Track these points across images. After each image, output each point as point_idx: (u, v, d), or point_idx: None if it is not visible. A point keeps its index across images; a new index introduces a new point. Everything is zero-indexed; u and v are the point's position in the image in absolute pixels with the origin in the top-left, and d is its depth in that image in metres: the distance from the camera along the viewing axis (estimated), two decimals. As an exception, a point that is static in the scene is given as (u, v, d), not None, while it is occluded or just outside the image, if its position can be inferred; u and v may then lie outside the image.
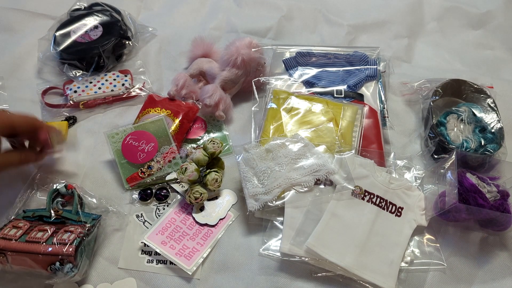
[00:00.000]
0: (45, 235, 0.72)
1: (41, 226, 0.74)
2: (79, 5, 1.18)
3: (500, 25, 1.30)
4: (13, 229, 0.72)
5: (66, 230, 0.73)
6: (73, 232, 0.72)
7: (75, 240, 0.71)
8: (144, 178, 0.89)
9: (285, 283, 0.77)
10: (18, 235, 0.71)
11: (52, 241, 0.70)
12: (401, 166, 0.91)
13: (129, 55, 1.17)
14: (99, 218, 0.80)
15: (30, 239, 0.71)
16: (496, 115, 0.96)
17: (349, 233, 0.79)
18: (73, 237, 0.71)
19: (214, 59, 1.09)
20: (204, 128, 1.00)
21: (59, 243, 0.70)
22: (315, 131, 0.92)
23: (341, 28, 1.27)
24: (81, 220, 0.77)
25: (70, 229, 0.73)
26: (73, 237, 0.71)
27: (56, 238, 0.71)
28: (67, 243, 0.70)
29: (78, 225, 0.75)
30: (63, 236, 0.71)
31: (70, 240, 0.70)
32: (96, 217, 0.80)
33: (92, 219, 0.78)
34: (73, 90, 1.04)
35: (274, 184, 0.81)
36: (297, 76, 1.05)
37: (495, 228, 0.82)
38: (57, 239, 0.71)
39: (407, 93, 1.08)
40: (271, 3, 1.33)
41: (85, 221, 0.77)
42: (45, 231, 0.72)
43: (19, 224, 0.74)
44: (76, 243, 0.70)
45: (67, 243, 0.70)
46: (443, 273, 0.79)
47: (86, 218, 0.78)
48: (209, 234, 0.83)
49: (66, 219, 0.78)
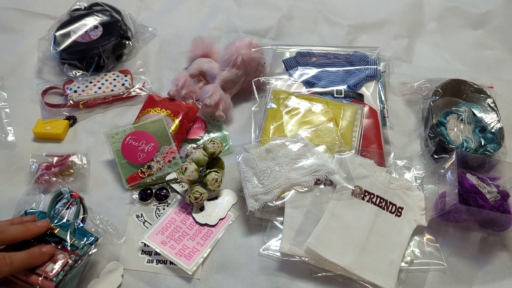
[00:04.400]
0: None
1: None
2: (79, 5, 1.19)
3: (500, 25, 1.30)
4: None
5: (53, 260, 0.70)
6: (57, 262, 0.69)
7: (56, 276, 0.68)
8: (144, 178, 0.89)
9: (285, 283, 0.77)
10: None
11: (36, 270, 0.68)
12: (401, 166, 0.91)
13: (129, 55, 1.17)
14: (94, 243, 0.75)
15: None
16: (496, 115, 0.96)
17: (349, 233, 0.79)
18: (56, 272, 0.68)
19: (214, 59, 1.09)
20: (204, 128, 1.00)
21: (41, 275, 0.68)
22: (315, 131, 0.92)
23: (341, 28, 1.27)
24: (74, 245, 0.72)
25: (57, 257, 0.70)
26: (55, 272, 0.68)
27: (41, 269, 0.68)
28: (48, 278, 0.68)
29: (67, 253, 0.71)
30: (47, 268, 0.69)
31: (52, 276, 0.68)
32: (92, 241, 0.74)
33: (85, 244, 0.73)
34: (73, 90, 1.04)
35: (274, 184, 0.81)
36: (297, 76, 1.05)
37: (495, 228, 0.82)
38: (41, 270, 0.68)
39: (407, 93, 1.08)
40: (271, 3, 1.33)
41: (77, 246, 0.72)
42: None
43: None
44: (56, 280, 0.68)
45: (49, 277, 0.68)
46: (443, 273, 0.79)
47: (79, 243, 0.73)
48: (209, 234, 0.83)
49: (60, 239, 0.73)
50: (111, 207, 0.86)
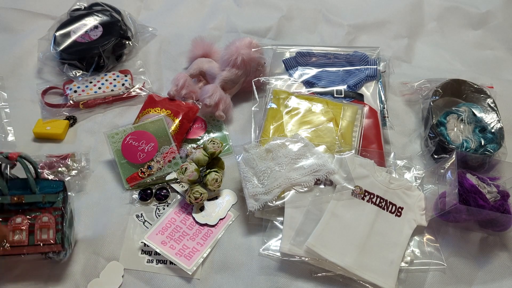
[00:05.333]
0: (24, 235, 0.70)
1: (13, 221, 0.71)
2: (79, 5, 1.19)
3: (500, 25, 1.30)
4: None
5: (42, 226, 0.71)
6: (50, 227, 0.71)
7: (56, 237, 0.70)
8: (144, 178, 0.89)
9: (285, 283, 0.77)
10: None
11: (34, 240, 0.70)
12: (401, 166, 0.91)
13: (129, 55, 1.17)
14: (63, 189, 0.74)
15: (11, 243, 0.70)
16: (496, 115, 0.96)
17: (349, 233, 0.79)
18: (53, 234, 0.70)
19: (214, 59, 1.09)
20: (204, 128, 1.00)
21: (43, 244, 0.70)
22: (315, 131, 0.92)
23: (341, 28, 1.27)
24: (47, 201, 0.72)
25: (44, 221, 0.71)
26: (52, 234, 0.70)
27: (36, 239, 0.70)
28: (52, 243, 0.70)
29: (48, 213, 0.71)
30: (43, 236, 0.70)
31: (52, 239, 0.70)
32: (60, 187, 0.74)
33: (56, 193, 0.73)
34: (73, 90, 1.04)
35: (274, 184, 0.81)
36: (297, 76, 1.05)
37: (495, 228, 0.82)
38: (39, 238, 0.70)
39: (407, 93, 1.08)
40: (271, 3, 1.33)
41: (51, 201, 0.72)
42: (21, 230, 0.70)
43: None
44: (59, 240, 0.70)
45: (50, 243, 0.70)
46: (443, 273, 0.79)
47: (52, 196, 0.72)
48: (209, 234, 0.83)
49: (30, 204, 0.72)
50: (111, 207, 0.86)
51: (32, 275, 0.77)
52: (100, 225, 0.83)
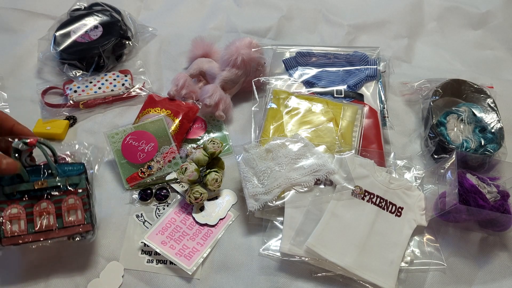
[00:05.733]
0: (52, 219, 0.70)
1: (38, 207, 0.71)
2: (79, 5, 1.18)
3: (500, 25, 1.30)
4: (14, 224, 0.70)
5: (69, 208, 0.71)
6: (77, 208, 0.71)
7: (85, 217, 0.71)
8: (144, 178, 0.89)
9: (285, 283, 0.77)
10: (23, 228, 0.69)
11: (63, 223, 0.70)
12: (401, 166, 0.91)
13: (129, 55, 1.17)
14: (84, 170, 0.74)
15: (40, 229, 0.70)
16: (496, 115, 0.96)
17: (349, 233, 0.79)
18: (82, 215, 0.71)
19: (214, 59, 1.09)
20: (204, 128, 1.00)
21: (72, 226, 0.70)
22: (315, 131, 0.92)
23: (341, 28, 1.27)
24: (71, 183, 0.72)
25: (70, 203, 0.71)
26: (81, 214, 0.71)
27: (65, 221, 0.70)
28: (81, 224, 0.70)
29: (73, 194, 0.71)
30: (72, 217, 0.70)
31: (81, 221, 0.71)
32: (81, 169, 0.74)
33: (79, 174, 0.73)
34: (73, 90, 1.04)
35: (274, 184, 0.81)
36: (297, 76, 1.05)
37: (495, 228, 0.82)
38: (67, 221, 0.70)
39: (407, 93, 1.08)
40: (271, 3, 1.33)
41: (75, 182, 0.72)
42: (47, 214, 0.70)
43: (13, 212, 0.70)
44: (89, 221, 0.70)
45: (80, 223, 0.70)
46: (443, 273, 0.79)
47: (75, 178, 0.73)
48: (209, 234, 0.83)
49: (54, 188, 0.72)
50: (111, 207, 0.86)
51: (32, 275, 0.77)
52: (100, 225, 0.83)
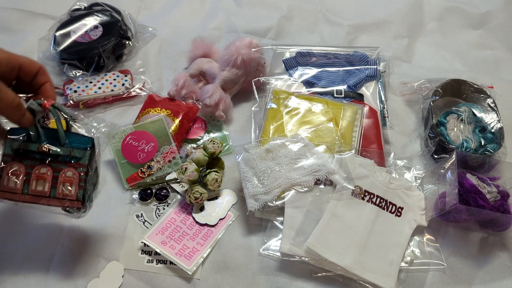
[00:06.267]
0: (46, 186, 0.70)
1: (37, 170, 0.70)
2: (79, 5, 1.18)
3: (500, 25, 1.30)
4: (12, 179, 0.70)
5: (65, 180, 0.70)
6: (73, 183, 0.70)
7: (78, 193, 0.70)
8: (144, 178, 0.89)
9: (285, 283, 0.77)
10: (19, 187, 0.69)
11: (56, 193, 0.69)
12: (401, 166, 0.91)
13: (129, 55, 1.17)
14: (92, 146, 0.72)
15: (33, 192, 0.69)
16: (496, 115, 0.96)
17: (349, 233, 0.79)
18: (75, 190, 0.70)
19: (214, 59, 1.09)
20: (204, 128, 1.00)
21: (63, 198, 0.69)
22: (315, 131, 0.92)
23: (341, 28, 1.27)
24: (74, 156, 0.71)
25: (68, 175, 0.70)
26: (75, 190, 0.70)
27: (58, 192, 0.69)
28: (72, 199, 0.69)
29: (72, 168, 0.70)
30: (65, 190, 0.70)
31: (73, 196, 0.70)
32: (89, 144, 0.72)
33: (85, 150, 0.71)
34: (73, 90, 1.04)
35: (274, 184, 0.81)
36: (297, 76, 1.05)
37: (495, 228, 0.82)
38: (60, 192, 0.69)
39: (407, 93, 1.08)
40: (271, 3, 1.33)
41: (78, 156, 0.71)
42: (44, 179, 0.70)
43: (14, 169, 0.70)
44: (80, 198, 0.70)
45: (72, 199, 0.69)
46: (443, 273, 0.79)
47: (79, 152, 0.71)
48: (209, 234, 0.83)
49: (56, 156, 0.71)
50: (111, 207, 0.86)
51: (32, 275, 0.77)
52: (100, 225, 0.83)
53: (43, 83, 0.72)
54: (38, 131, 0.71)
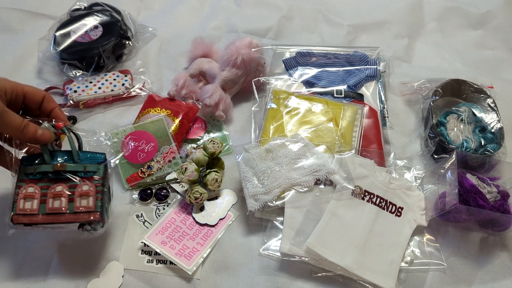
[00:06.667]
0: (64, 202, 0.70)
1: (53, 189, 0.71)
2: (79, 5, 1.18)
3: (500, 25, 1.30)
4: (27, 201, 0.70)
5: (82, 194, 0.71)
6: (90, 195, 0.71)
7: (96, 205, 0.70)
8: (144, 178, 0.89)
9: (285, 283, 0.77)
10: (36, 208, 0.70)
11: (74, 209, 0.70)
12: (401, 166, 0.91)
13: (129, 55, 1.17)
14: (105, 160, 0.75)
15: (50, 210, 0.70)
16: (496, 115, 0.96)
17: (349, 233, 0.79)
18: (93, 202, 0.70)
19: (214, 59, 1.09)
20: (204, 128, 1.00)
21: (82, 212, 0.70)
22: (315, 131, 0.92)
23: (341, 28, 1.27)
24: (89, 171, 0.73)
25: (84, 189, 0.71)
26: (92, 202, 0.71)
27: (76, 206, 0.70)
28: (90, 211, 0.70)
29: (88, 181, 0.72)
30: (83, 203, 0.70)
31: (91, 208, 0.70)
32: (101, 159, 0.75)
33: (98, 164, 0.74)
34: (73, 90, 1.04)
35: (274, 184, 0.81)
36: (297, 76, 1.05)
37: (495, 228, 0.82)
38: (78, 206, 0.70)
39: (407, 93, 1.08)
40: (271, 3, 1.33)
41: (93, 170, 0.73)
42: (60, 196, 0.71)
43: (30, 191, 0.71)
44: (99, 208, 0.70)
45: (90, 210, 0.70)
46: (443, 273, 0.79)
47: (93, 167, 0.73)
48: (209, 234, 0.83)
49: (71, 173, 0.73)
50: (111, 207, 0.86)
51: (32, 274, 0.77)
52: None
53: (51, 109, 0.76)
54: (51, 152, 0.73)
